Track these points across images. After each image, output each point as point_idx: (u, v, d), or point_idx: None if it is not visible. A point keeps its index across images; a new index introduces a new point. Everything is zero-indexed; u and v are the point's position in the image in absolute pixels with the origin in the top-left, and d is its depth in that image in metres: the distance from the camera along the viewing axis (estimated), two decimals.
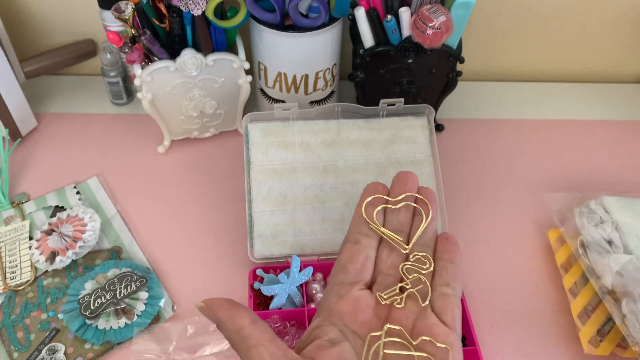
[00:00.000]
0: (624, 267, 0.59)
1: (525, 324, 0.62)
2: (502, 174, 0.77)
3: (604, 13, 0.84)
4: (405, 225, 0.48)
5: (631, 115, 0.86)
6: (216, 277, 0.65)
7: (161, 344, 0.58)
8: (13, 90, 0.73)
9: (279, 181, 0.65)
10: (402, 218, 0.48)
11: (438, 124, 0.81)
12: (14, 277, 0.63)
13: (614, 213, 0.64)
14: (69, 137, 0.79)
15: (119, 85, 0.80)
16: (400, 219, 0.48)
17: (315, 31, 0.67)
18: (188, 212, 0.71)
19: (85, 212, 0.67)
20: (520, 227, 0.71)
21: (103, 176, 0.74)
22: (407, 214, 0.49)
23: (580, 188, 0.74)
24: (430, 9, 0.63)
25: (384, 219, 0.49)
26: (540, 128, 0.83)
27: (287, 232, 0.64)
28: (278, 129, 0.67)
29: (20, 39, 0.83)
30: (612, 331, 0.60)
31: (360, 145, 0.67)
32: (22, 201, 0.71)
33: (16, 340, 0.59)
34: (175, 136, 0.77)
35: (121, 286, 0.61)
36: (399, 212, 0.49)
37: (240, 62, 0.69)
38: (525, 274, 0.67)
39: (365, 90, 0.73)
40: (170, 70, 0.66)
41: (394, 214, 0.49)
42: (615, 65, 0.91)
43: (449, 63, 0.70)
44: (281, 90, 0.74)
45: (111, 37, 0.62)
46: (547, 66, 0.91)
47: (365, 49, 0.68)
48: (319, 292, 0.62)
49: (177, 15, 0.63)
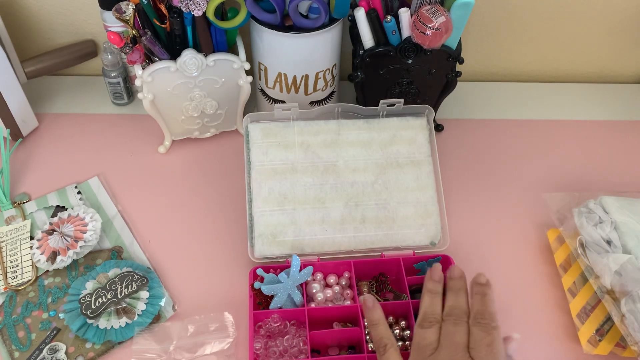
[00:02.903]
0: (623, 266, 0.59)
1: (524, 323, 0.63)
2: (501, 174, 0.77)
3: (603, 13, 0.84)
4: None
5: (631, 115, 0.86)
6: (217, 277, 0.65)
7: (162, 343, 0.58)
8: (14, 91, 0.73)
9: (279, 181, 0.65)
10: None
11: (437, 124, 0.81)
12: (15, 277, 0.64)
13: (613, 213, 0.64)
14: (70, 137, 0.79)
15: (120, 85, 0.80)
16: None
17: (315, 32, 0.67)
18: (189, 212, 0.71)
19: (86, 212, 0.67)
20: (520, 227, 0.71)
21: (104, 176, 0.74)
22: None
23: (579, 188, 0.74)
24: (429, 10, 0.63)
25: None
26: (540, 128, 0.83)
27: (287, 232, 0.64)
28: (278, 129, 0.67)
29: (21, 40, 0.84)
30: (611, 330, 0.60)
31: (360, 146, 0.67)
32: (23, 201, 0.71)
33: (17, 339, 0.59)
34: (176, 136, 0.77)
35: (122, 286, 0.61)
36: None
37: (241, 62, 0.69)
38: (524, 274, 0.67)
39: (365, 90, 0.73)
40: (171, 70, 0.67)
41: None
42: (615, 65, 0.91)
43: (449, 63, 0.70)
44: (281, 90, 0.74)
45: (112, 37, 0.63)
46: (546, 66, 0.91)
47: (365, 50, 0.69)
48: (319, 291, 0.62)
49: (177, 15, 0.64)
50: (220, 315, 0.60)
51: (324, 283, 0.63)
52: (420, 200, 0.66)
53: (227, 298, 0.63)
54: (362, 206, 0.65)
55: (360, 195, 0.66)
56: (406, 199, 0.66)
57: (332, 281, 0.63)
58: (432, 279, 0.55)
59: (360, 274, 0.64)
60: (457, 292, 0.53)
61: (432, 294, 0.53)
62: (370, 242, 0.65)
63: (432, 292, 0.53)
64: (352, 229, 0.65)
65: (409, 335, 0.59)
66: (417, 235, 0.65)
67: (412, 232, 0.65)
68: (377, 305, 0.55)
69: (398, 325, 0.60)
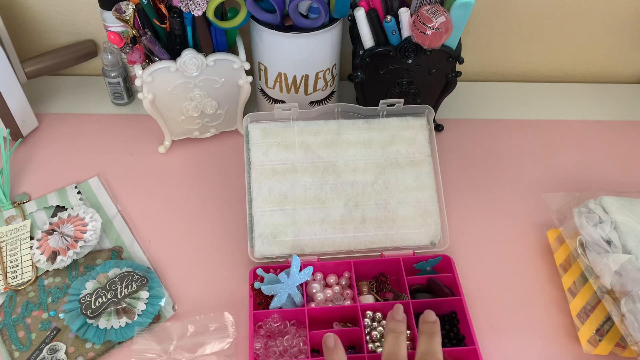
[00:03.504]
0: (623, 266, 0.59)
1: (524, 323, 0.63)
2: (501, 174, 0.77)
3: (603, 13, 0.84)
4: None
5: (631, 115, 0.86)
6: (216, 277, 0.65)
7: (162, 343, 0.58)
8: (14, 91, 0.73)
9: (279, 181, 0.65)
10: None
11: (437, 124, 0.81)
12: (15, 277, 0.64)
13: (613, 213, 0.64)
14: (70, 137, 0.79)
15: (120, 85, 0.80)
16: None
17: (315, 32, 0.67)
18: (189, 212, 0.71)
19: (86, 212, 0.67)
20: (519, 227, 0.71)
21: (104, 176, 0.74)
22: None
23: (579, 188, 0.74)
24: (429, 10, 0.63)
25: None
26: (540, 128, 0.83)
27: (287, 232, 0.64)
28: (278, 129, 0.67)
29: (21, 40, 0.84)
30: (611, 330, 0.60)
31: (360, 146, 0.67)
32: (23, 201, 0.71)
33: (17, 339, 0.59)
34: (176, 136, 0.77)
35: (122, 286, 0.61)
36: None
37: (241, 62, 0.69)
38: (524, 274, 0.67)
39: (365, 90, 0.73)
40: (171, 70, 0.67)
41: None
42: (615, 65, 0.91)
43: (449, 63, 0.70)
44: (281, 90, 0.74)
45: (112, 37, 0.63)
46: (546, 66, 0.91)
47: (365, 50, 0.69)
48: (319, 291, 0.62)
49: (177, 15, 0.64)
50: (220, 315, 0.60)
51: (324, 283, 0.63)
52: (420, 200, 0.66)
53: (227, 298, 0.63)
54: (362, 206, 0.65)
55: (360, 195, 0.66)
56: (406, 199, 0.66)
57: (332, 281, 0.63)
58: (395, 318, 0.53)
59: (360, 274, 0.64)
60: (430, 336, 0.53)
61: (396, 333, 0.53)
62: (370, 242, 0.65)
63: (395, 331, 0.53)
64: (352, 229, 0.65)
65: (409, 335, 0.59)
66: (417, 235, 0.65)
67: (412, 232, 0.65)
68: (338, 344, 0.52)
69: None
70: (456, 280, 0.62)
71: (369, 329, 0.59)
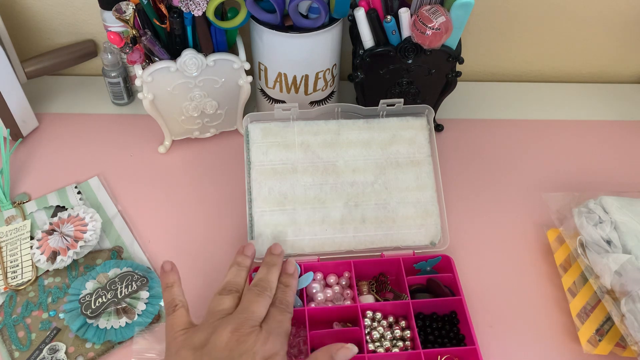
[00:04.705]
0: (623, 266, 0.59)
1: (524, 323, 0.63)
2: (501, 174, 0.77)
3: (603, 13, 0.84)
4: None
5: (631, 115, 0.86)
6: (217, 277, 0.65)
7: (162, 343, 0.58)
8: (14, 91, 0.73)
9: (279, 181, 0.66)
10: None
11: (437, 124, 0.81)
12: (15, 277, 0.64)
13: (613, 213, 0.64)
14: (70, 137, 0.79)
15: (120, 85, 0.80)
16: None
17: (315, 32, 0.67)
18: (189, 212, 0.71)
19: (86, 211, 0.67)
20: (519, 227, 0.71)
21: (104, 176, 0.74)
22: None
23: (579, 188, 0.74)
24: (429, 10, 0.63)
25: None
26: (540, 128, 0.83)
27: (287, 232, 0.64)
28: (278, 129, 0.67)
29: (21, 40, 0.84)
30: (611, 330, 0.60)
31: (360, 146, 0.67)
32: (23, 201, 0.71)
33: (17, 339, 0.59)
34: (176, 136, 0.77)
35: (122, 286, 0.61)
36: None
37: (241, 62, 0.69)
38: (524, 274, 0.67)
39: (365, 90, 0.73)
40: (171, 70, 0.67)
41: None
42: (615, 65, 0.91)
43: (449, 63, 0.70)
44: (281, 90, 0.74)
45: (112, 37, 0.63)
46: (546, 66, 0.91)
47: (365, 50, 0.69)
48: (319, 291, 0.62)
49: (177, 15, 0.64)
50: None
51: (324, 283, 0.63)
52: (420, 200, 0.66)
53: None
54: (362, 206, 0.65)
55: (360, 195, 0.66)
56: (406, 199, 0.66)
57: (332, 281, 0.63)
58: (243, 253, 0.55)
59: (360, 274, 0.64)
60: (270, 267, 0.53)
61: (240, 267, 0.53)
62: (370, 242, 0.65)
63: (239, 265, 0.54)
64: (352, 229, 0.65)
65: (409, 335, 0.59)
66: (417, 235, 0.65)
67: (412, 232, 0.65)
68: (175, 269, 0.56)
69: (398, 325, 0.60)
70: (456, 280, 0.62)
71: (369, 329, 0.59)
